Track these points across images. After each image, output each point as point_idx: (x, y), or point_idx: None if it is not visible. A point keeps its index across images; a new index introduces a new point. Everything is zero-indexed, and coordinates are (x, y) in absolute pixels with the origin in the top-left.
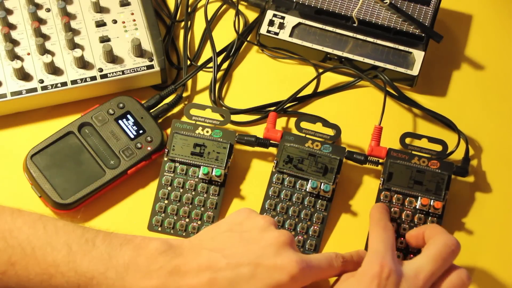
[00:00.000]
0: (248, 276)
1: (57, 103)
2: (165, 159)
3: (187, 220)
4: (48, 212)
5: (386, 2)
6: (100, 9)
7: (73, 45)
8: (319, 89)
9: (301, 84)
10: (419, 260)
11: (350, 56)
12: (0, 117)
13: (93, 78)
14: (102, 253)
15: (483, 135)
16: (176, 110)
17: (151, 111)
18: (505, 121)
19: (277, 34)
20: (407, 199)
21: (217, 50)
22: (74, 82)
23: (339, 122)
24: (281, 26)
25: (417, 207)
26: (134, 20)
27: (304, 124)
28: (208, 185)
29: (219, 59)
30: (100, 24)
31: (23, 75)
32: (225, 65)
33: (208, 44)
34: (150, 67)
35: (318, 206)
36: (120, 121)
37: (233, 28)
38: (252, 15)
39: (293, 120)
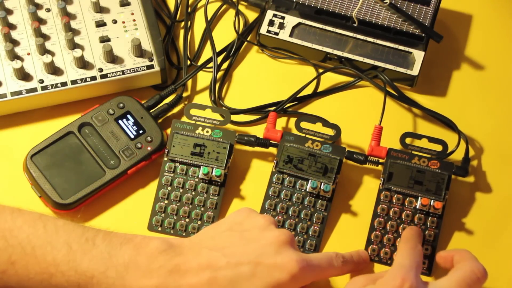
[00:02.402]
0: (248, 275)
1: (57, 103)
2: (165, 159)
3: (187, 220)
4: (48, 212)
5: (386, 2)
6: (100, 9)
7: (73, 45)
8: (319, 89)
9: (301, 84)
10: (443, 282)
11: (350, 56)
12: (0, 117)
13: (93, 78)
14: (102, 252)
15: (483, 135)
16: (176, 110)
17: (151, 111)
18: (505, 121)
19: (277, 34)
20: (407, 199)
21: (217, 50)
22: (74, 82)
23: (339, 122)
24: (281, 26)
25: (417, 207)
26: (134, 20)
27: (304, 124)
28: (208, 185)
29: (219, 59)
30: (100, 24)
31: (23, 75)
32: (225, 65)
33: (208, 44)
34: (150, 67)
35: (318, 206)
36: (120, 121)
37: (233, 28)
38: (252, 15)
39: (293, 120)
